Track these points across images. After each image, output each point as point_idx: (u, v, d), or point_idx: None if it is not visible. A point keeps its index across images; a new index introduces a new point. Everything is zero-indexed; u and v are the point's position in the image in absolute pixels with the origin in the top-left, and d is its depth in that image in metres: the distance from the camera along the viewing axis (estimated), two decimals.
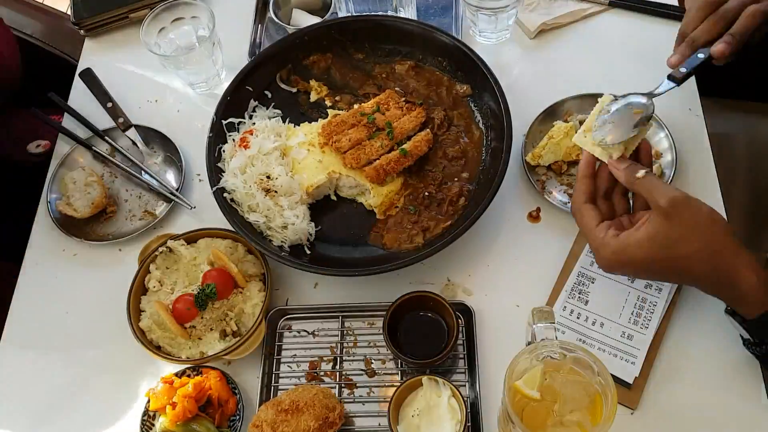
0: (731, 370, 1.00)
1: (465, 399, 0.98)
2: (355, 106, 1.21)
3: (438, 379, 0.97)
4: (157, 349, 1.05)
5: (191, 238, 1.14)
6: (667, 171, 1.13)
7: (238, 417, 1.01)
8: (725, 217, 1.09)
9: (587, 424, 0.82)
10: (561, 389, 0.83)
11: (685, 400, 0.99)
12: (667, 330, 1.03)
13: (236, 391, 1.03)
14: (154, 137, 1.30)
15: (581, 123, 1.19)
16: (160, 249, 1.11)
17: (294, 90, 1.28)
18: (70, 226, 1.21)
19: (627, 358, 1.01)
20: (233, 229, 1.10)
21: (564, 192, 1.16)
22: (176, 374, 1.04)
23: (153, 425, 1.02)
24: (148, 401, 1.02)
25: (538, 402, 0.83)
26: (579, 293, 1.07)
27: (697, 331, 1.03)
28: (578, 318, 1.05)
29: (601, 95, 1.02)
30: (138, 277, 1.10)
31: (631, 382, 0.99)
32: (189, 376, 1.04)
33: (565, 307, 1.06)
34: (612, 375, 0.83)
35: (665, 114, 1.17)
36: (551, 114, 1.21)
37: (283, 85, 1.28)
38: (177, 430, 0.98)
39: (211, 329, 1.06)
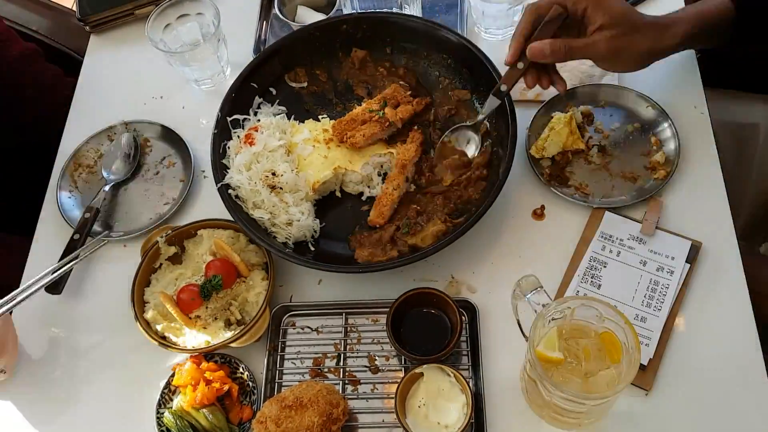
0: (745, 351, 1.00)
1: (467, 380, 0.99)
2: (363, 104, 1.22)
3: (441, 366, 0.98)
4: (162, 339, 1.06)
5: (193, 229, 1.14)
6: (672, 158, 1.14)
7: (248, 425, 1.01)
8: (729, 208, 1.11)
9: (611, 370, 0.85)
10: (582, 346, 0.86)
11: (700, 380, 0.99)
12: (680, 311, 1.04)
13: (252, 400, 1.03)
14: (164, 134, 1.31)
15: (583, 114, 1.20)
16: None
17: (304, 84, 1.28)
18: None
19: (641, 340, 1.01)
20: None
21: (569, 184, 1.16)
22: (205, 356, 1.04)
23: (171, 399, 1.03)
24: (173, 375, 1.03)
25: (562, 364, 0.86)
26: (591, 278, 1.08)
27: (711, 312, 1.04)
28: None
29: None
30: (141, 268, 1.10)
31: (645, 363, 1.00)
32: (216, 362, 1.05)
33: (578, 291, 1.07)
34: None
35: (669, 108, 1.18)
36: (552, 106, 1.21)
37: (293, 84, 1.28)
38: (191, 412, 0.99)
39: (216, 318, 1.06)
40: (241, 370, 1.05)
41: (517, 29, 1.05)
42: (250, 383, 1.04)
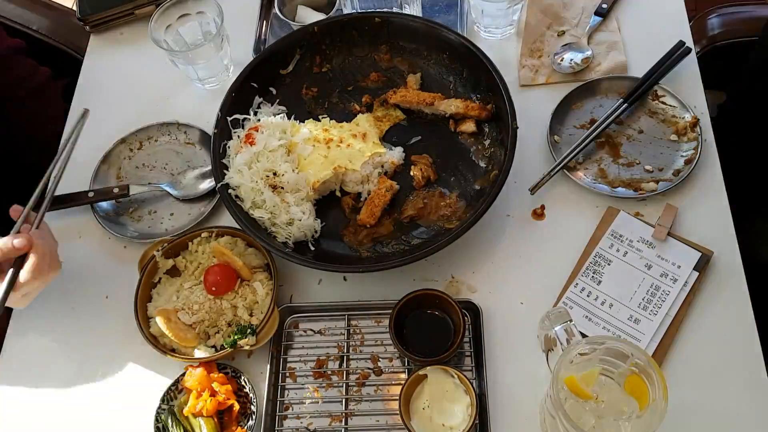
0: (747, 364, 1.00)
1: (471, 381, 0.99)
2: None
3: (444, 368, 0.98)
4: (171, 351, 1.05)
5: (188, 239, 1.13)
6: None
7: None
8: (730, 210, 1.11)
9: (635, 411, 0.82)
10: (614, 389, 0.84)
11: (700, 386, 0.99)
12: (686, 318, 1.03)
13: (249, 426, 1.01)
14: (192, 131, 1.30)
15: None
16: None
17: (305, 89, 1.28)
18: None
19: (630, 340, 1.01)
20: (232, 226, 1.11)
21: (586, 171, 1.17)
22: (218, 365, 1.04)
23: (175, 397, 1.03)
24: (183, 373, 1.03)
25: (582, 401, 0.83)
26: (593, 273, 1.08)
27: (717, 322, 1.03)
28: (588, 296, 1.06)
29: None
30: (141, 285, 1.09)
31: None
32: (227, 374, 1.04)
33: (576, 284, 1.07)
34: None
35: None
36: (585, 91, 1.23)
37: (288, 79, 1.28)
38: (189, 418, 0.99)
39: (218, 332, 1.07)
40: (246, 389, 1.03)
41: None
42: (252, 406, 1.01)
